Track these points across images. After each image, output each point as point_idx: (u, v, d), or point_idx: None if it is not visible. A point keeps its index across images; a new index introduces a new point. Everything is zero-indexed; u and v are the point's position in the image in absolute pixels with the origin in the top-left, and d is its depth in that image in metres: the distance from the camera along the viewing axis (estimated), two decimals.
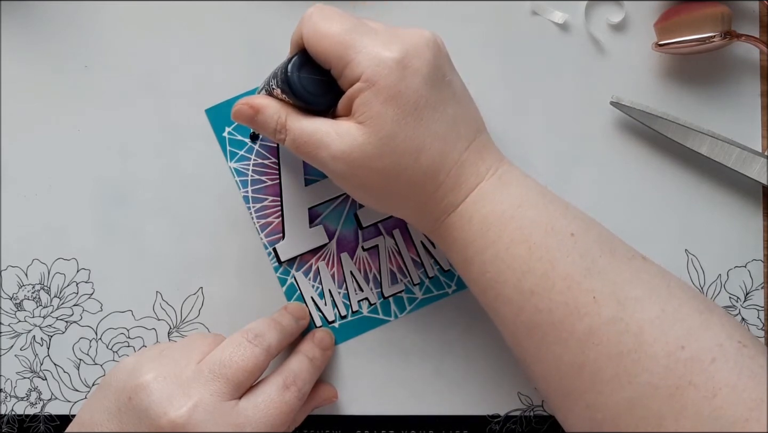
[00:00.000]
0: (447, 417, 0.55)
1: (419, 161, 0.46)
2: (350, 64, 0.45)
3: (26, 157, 0.56)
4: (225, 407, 0.46)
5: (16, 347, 0.56)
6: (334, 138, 0.46)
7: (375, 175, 0.46)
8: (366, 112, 0.45)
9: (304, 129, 0.47)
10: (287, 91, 0.47)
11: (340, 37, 0.45)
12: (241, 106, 0.49)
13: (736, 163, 0.53)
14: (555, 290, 0.44)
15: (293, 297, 0.56)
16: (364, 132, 0.45)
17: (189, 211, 0.56)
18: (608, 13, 0.55)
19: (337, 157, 0.46)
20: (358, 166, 0.46)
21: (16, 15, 0.56)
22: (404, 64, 0.45)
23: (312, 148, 0.47)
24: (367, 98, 0.45)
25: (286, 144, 0.48)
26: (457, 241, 0.47)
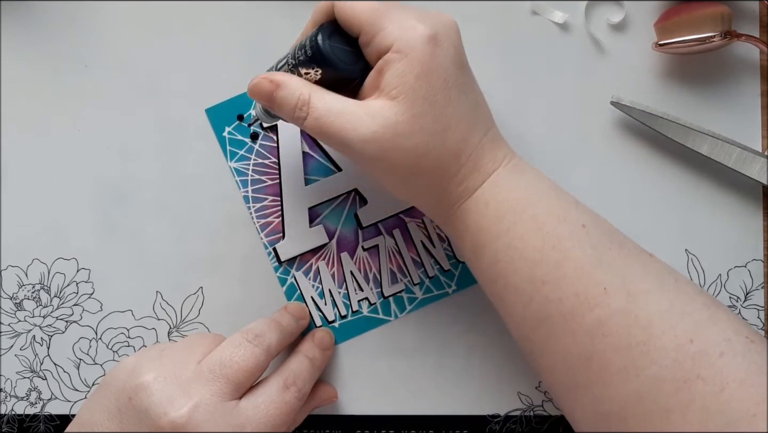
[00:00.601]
0: (447, 417, 0.55)
1: (445, 142, 0.45)
2: (382, 32, 0.44)
3: (26, 157, 0.56)
4: (225, 407, 0.46)
5: (16, 347, 0.56)
6: (365, 119, 0.44)
7: (404, 156, 0.45)
8: (399, 86, 0.44)
9: (330, 108, 0.45)
10: (318, 60, 0.45)
11: (373, 4, 0.45)
12: (261, 81, 0.47)
13: (737, 163, 0.53)
14: (566, 280, 0.44)
15: (293, 297, 0.56)
16: (397, 109, 0.44)
17: (189, 212, 0.56)
18: (608, 13, 0.55)
19: (368, 140, 0.44)
20: (389, 147, 0.44)
21: (16, 15, 0.56)
22: (436, 41, 0.44)
23: (338, 130, 0.44)
24: (401, 70, 0.44)
25: (305, 124, 0.45)
26: (471, 227, 0.47)
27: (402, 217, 0.56)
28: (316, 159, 0.56)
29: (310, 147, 0.56)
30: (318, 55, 0.45)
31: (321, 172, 0.56)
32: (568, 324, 0.44)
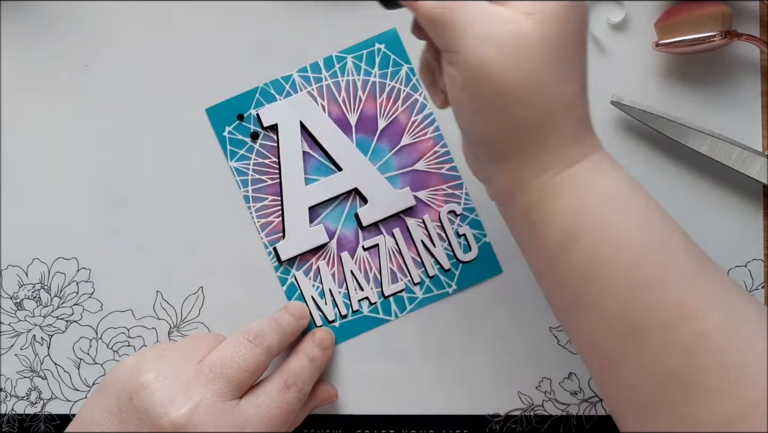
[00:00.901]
0: (447, 417, 0.55)
1: (562, 88, 0.40)
2: None
3: (26, 157, 0.56)
4: (226, 407, 0.46)
5: (16, 347, 0.56)
6: (492, 17, 0.39)
7: (517, 76, 0.39)
8: (538, 4, 0.39)
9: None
10: None
11: None
12: None
13: (737, 163, 0.53)
14: (669, 285, 0.39)
15: (293, 296, 0.56)
16: (530, 25, 0.39)
17: (189, 211, 0.56)
18: (608, 13, 0.55)
19: (487, 38, 0.39)
20: (507, 54, 0.39)
21: (16, 15, 0.56)
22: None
23: (458, 19, 0.39)
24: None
25: (424, 5, 0.40)
26: (563, 209, 0.41)
27: (402, 216, 0.56)
28: (316, 159, 0.56)
29: (310, 146, 0.56)
30: None
31: (321, 172, 0.56)
32: (664, 335, 0.39)
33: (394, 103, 0.56)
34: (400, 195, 0.55)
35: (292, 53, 0.56)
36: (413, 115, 0.56)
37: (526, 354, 0.55)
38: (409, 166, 0.56)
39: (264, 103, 0.56)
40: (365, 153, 0.56)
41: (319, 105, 0.56)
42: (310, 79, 0.56)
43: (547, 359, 0.55)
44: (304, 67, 0.56)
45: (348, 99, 0.56)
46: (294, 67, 0.56)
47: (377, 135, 0.56)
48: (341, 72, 0.56)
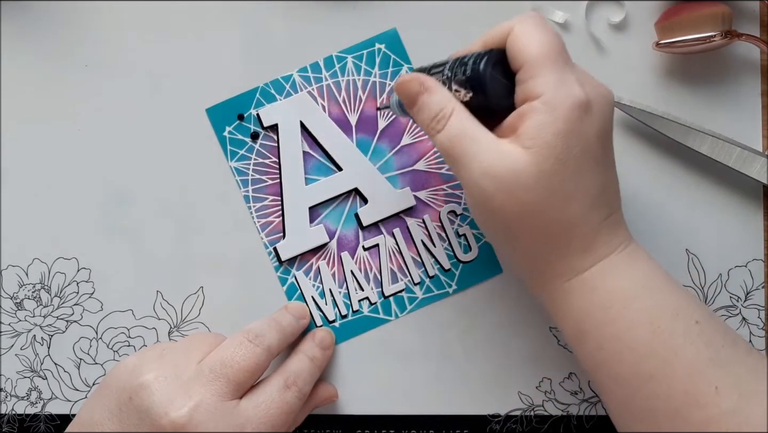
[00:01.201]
0: (447, 417, 0.55)
1: (562, 210, 0.43)
2: (538, 78, 0.43)
3: (26, 157, 0.56)
4: (226, 407, 0.46)
5: (16, 347, 0.56)
6: (494, 154, 0.43)
7: (516, 207, 0.43)
8: (536, 137, 0.42)
9: (466, 131, 0.44)
10: (474, 84, 0.44)
11: (547, 47, 0.43)
12: (412, 80, 0.46)
13: (737, 163, 0.53)
14: (676, 376, 0.42)
15: (294, 296, 0.56)
16: (527, 159, 0.42)
17: (189, 212, 0.56)
18: (609, 13, 0.55)
19: (489, 174, 0.43)
20: (505, 190, 0.43)
21: (16, 15, 0.56)
22: (587, 108, 0.43)
23: (466, 154, 0.43)
24: (541, 122, 0.42)
25: (438, 137, 0.45)
26: (574, 309, 0.45)
27: (402, 216, 0.56)
28: (317, 159, 0.56)
29: (310, 146, 0.56)
30: (476, 79, 0.44)
31: (321, 171, 0.56)
32: (674, 421, 0.42)
33: None
34: (401, 195, 0.55)
35: (292, 53, 0.56)
36: None
37: (526, 354, 0.55)
38: (409, 167, 0.56)
39: (264, 103, 0.56)
40: (365, 153, 0.56)
41: (320, 105, 0.56)
42: (311, 79, 0.56)
43: (547, 359, 0.55)
44: (304, 67, 0.56)
45: (348, 99, 0.56)
46: (294, 67, 0.56)
47: (377, 135, 0.56)
48: (341, 72, 0.56)
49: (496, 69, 0.44)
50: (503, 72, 0.45)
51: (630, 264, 0.45)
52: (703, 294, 0.55)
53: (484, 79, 0.44)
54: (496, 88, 0.44)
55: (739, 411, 0.41)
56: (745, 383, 0.42)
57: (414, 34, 0.56)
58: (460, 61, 0.45)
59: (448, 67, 0.46)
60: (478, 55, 0.45)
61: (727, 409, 0.41)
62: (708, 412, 0.42)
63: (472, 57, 0.45)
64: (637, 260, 0.45)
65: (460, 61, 0.45)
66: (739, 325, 0.55)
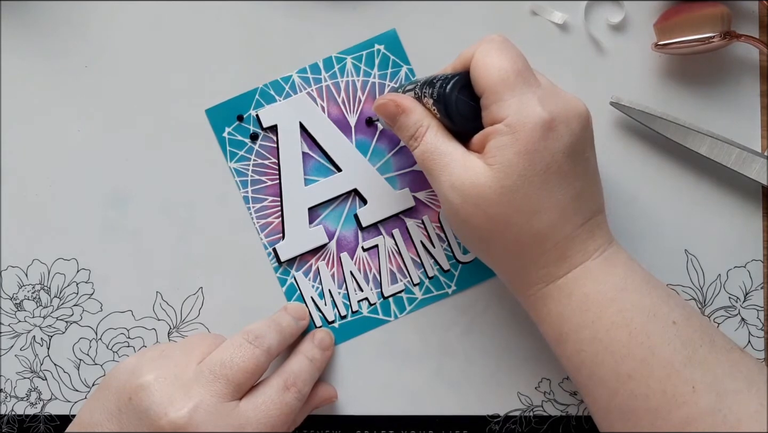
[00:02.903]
0: (447, 417, 0.55)
1: (530, 223, 0.45)
2: (500, 103, 0.45)
3: (26, 157, 0.56)
4: (226, 408, 0.46)
5: (16, 347, 0.56)
6: (460, 168, 0.46)
7: (483, 219, 0.45)
8: (497, 156, 0.44)
9: (438, 147, 0.47)
10: (440, 107, 0.47)
11: (504, 73, 0.45)
12: (388, 103, 0.49)
13: (736, 164, 0.53)
14: (653, 376, 0.43)
15: (293, 297, 0.56)
16: (489, 175, 0.45)
17: (189, 212, 0.56)
18: (608, 14, 0.55)
19: (455, 187, 0.46)
20: (471, 203, 0.45)
21: (16, 15, 0.56)
22: (550, 126, 0.44)
23: (436, 168, 0.47)
24: (503, 143, 0.44)
25: (415, 153, 0.48)
26: (552, 314, 0.47)
27: (402, 217, 0.56)
28: (316, 159, 0.56)
29: (309, 147, 0.56)
30: (442, 101, 0.47)
31: (321, 172, 0.56)
32: (653, 420, 0.43)
33: None
34: (400, 196, 0.55)
35: (291, 54, 0.56)
36: None
37: (526, 354, 0.55)
38: (408, 167, 0.56)
39: (263, 104, 0.56)
40: (365, 154, 0.56)
41: (319, 106, 0.56)
42: (310, 80, 0.56)
43: (547, 359, 0.55)
44: (303, 68, 0.56)
45: (347, 100, 0.56)
46: (293, 68, 0.56)
47: (377, 136, 0.56)
48: (341, 73, 0.56)
49: (464, 92, 0.47)
50: (470, 94, 0.47)
51: (606, 268, 0.46)
52: (702, 295, 0.55)
53: (449, 104, 0.46)
54: (461, 110, 0.47)
55: (717, 410, 0.42)
56: (723, 382, 0.43)
57: (413, 34, 0.56)
58: (430, 82, 0.48)
59: (420, 85, 0.49)
60: (445, 78, 0.47)
61: (705, 408, 0.42)
62: (686, 411, 0.42)
63: (440, 79, 0.47)
64: (615, 264, 0.46)
65: (430, 81, 0.48)
66: (738, 325, 0.55)
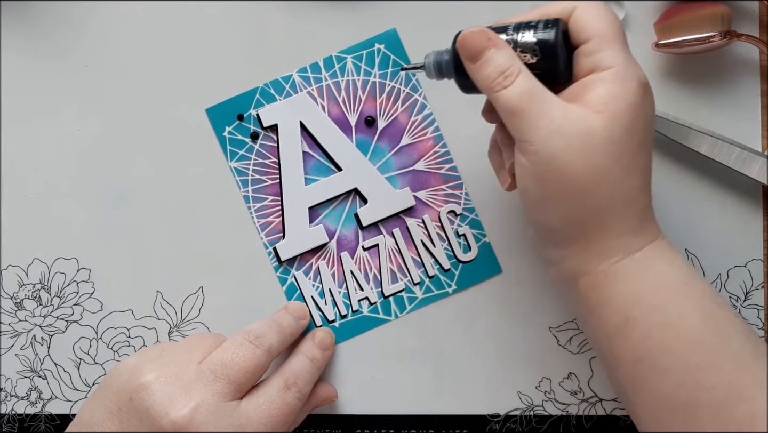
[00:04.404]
0: (447, 417, 0.55)
1: (626, 180, 0.43)
2: (610, 51, 0.43)
3: (26, 157, 0.56)
4: (226, 407, 0.46)
5: (16, 347, 0.56)
6: (561, 114, 0.42)
7: (584, 169, 0.42)
8: (609, 104, 0.42)
9: (535, 90, 0.43)
10: (543, 48, 0.43)
11: (617, 24, 0.44)
12: (479, 33, 0.44)
13: (736, 163, 0.53)
14: (723, 368, 0.42)
15: (293, 297, 0.56)
16: (598, 122, 0.42)
17: (189, 212, 0.56)
18: None
19: (560, 132, 0.42)
20: (574, 149, 0.42)
21: (16, 15, 0.56)
22: (647, 90, 0.44)
23: (533, 112, 0.42)
24: (616, 92, 0.42)
25: (504, 93, 0.43)
26: (621, 294, 0.44)
27: (402, 216, 0.56)
28: (316, 159, 0.56)
29: (310, 147, 0.56)
30: (546, 44, 0.44)
31: (321, 172, 0.56)
32: (717, 415, 0.41)
33: (394, 104, 0.56)
34: (400, 195, 0.55)
35: (292, 53, 0.56)
36: (413, 116, 0.56)
37: (526, 354, 0.55)
38: (408, 167, 0.56)
39: (264, 104, 0.56)
40: (365, 153, 0.56)
41: (319, 105, 0.56)
42: (310, 80, 0.56)
43: (547, 359, 0.55)
44: (303, 68, 0.56)
45: (348, 99, 0.56)
46: (294, 68, 0.56)
47: (377, 135, 0.56)
48: (341, 72, 0.56)
49: (562, 37, 0.44)
50: (566, 43, 0.44)
51: (673, 250, 0.45)
52: None
53: (555, 43, 0.43)
54: (563, 57, 0.44)
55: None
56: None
57: (414, 34, 0.56)
58: (527, 24, 0.44)
59: (513, 28, 0.45)
60: (546, 20, 0.44)
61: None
62: (752, 406, 0.41)
63: (541, 21, 0.44)
64: (675, 249, 0.45)
65: (527, 24, 0.44)
66: None
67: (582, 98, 0.43)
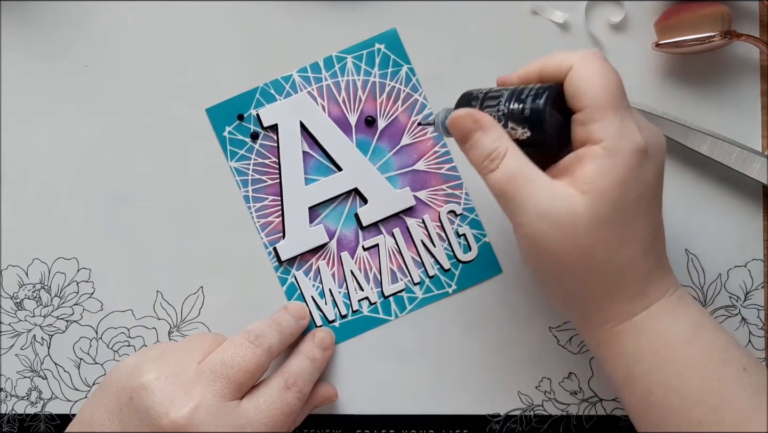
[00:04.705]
0: (447, 417, 0.55)
1: (616, 255, 0.43)
2: (603, 122, 0.42)
3: (26, 157, 0.56)
4: (226, 407, 0.46)
5: (16, 347, 0.56)
6: (548, 196, 0.42)
7: (571, 250, 0.43)
8: (595, 182, 0.42)
9: (522, 170, 0.43)
10: (533, 123, 0.43)
11: (612, 92, 0.42)
12: (466, 117, 0.45)
13: (736, 163, 0.53)
14: (725, 423, 0.42)
15: (293, 296, 0.56)
16: (583, 205, 0.42)
17: (189, 211, 0.56)
18: (608, 13, 0.55)
19: (544, 217, 0.42)
20: (561, 232, 0.42)
21: (16, 15, 0.56)
22: (647, 155, 0.43)
23: (520, 195, 0.43)
24: (603, 168, 0.42)
25: (491, 177, 0.44)
26: (624, 354, 0.45)
27: (402, 216, 0.56)
28: (316, 159, 0.56)
29: (310, 146, 0.56)
30: (536, 119, 0.43)
31: (321, 172, 0.56)
32: None
33: (394, 104, 0.56)
34: (400, 195, 0.55)
35: (292, 53, 0.56)
36: (413, 115, 0.56)
37: (526, 354, 0.55)
38: (409, 167, 0.56)
39: (264, 104, 0.56)
40: (365, 153, 0.56)
41: (319, 105, 0.56)
42: (310, 80, 0.56)
43: (547, 359, 0.55)
44: (304, 68, 0.56)
45: (348, 99, 0.56)
46: (294, 68, 0.56)
47: (377, 135, 0.56)
48: (341, 72, 0.56)
49: (554, 107, 0.43)
50: (560, 109, 0.44)
51: (680, 308, 0.45)
52: (703, 294, 0.55)
53: (544, 118, 0.43)
54: (554, 127, 0.43)
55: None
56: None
57: (414, 34, 0.56)
58: (517, 96, 0.44)
59: (505, 100, 0.44)
60: (537, 90, 0.44)
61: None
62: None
63: (531, 93, 0.44)
64: (687, 304, 0.45)
65: (517, 96, 0.44)
66: (739, 325, 0.55)
67: (573, 172, 0.43)
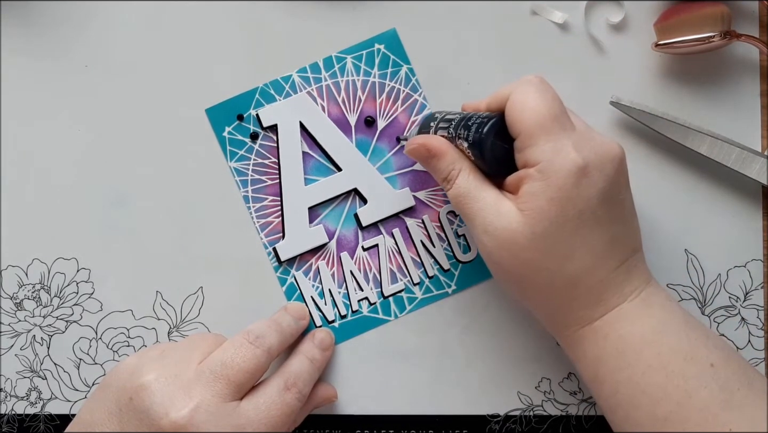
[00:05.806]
0: (447, 417, 0.55)
1: (563, 268, 0.45)
2: (534, 147, 0.45)
3: (26, 157, 0.56)
4: (226, 408, 0.46)
5: (16, 347, 0.56)
6: (492, 213, 0.46)
7: (515, 264, 0.46)
8: (529, 202, 0.45)
9: (470, 191, 0.47)
10: (475, 152, 0.47)
11: (541, 117, 0.45)
12: (419, 147, 0.49)
13: (736, 163, 0.53)
14: (690, 420, 0.43)
15: (293, 297, 0.56)
16: (522, 221, 0.45)
17: (189, 212, 0.56)
18: (608, 13, 0.55)
19: (488, 232, 0.46)
20: (503, 248, 0.46)
21: (16, 15, 0.56)
22: (584, 173, 0.44)
23: (469, 212, 0.47)
24: (535, 189, 0.44)
25: (448, 194, 0.48)
26: (588, 356, 0.47)
27: (402, 216, 0.56)
28: (316, 159, 0.56)
29: (310, 147, 0.56)
30: (478, 146, 0.47)
31: (321, 172, 0.56)
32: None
33: (394, 104, 0.56)
34: (400, 195, 0.55)
35: (291, 53, 0.56)
36: (413, 116, 0.56)
37: (526, 354, 0.55)
38: (408, 167, 0.56)
39: (263, 104, 0.56)
40: (365, 153, 0.56)
41: (319, 105, 0.56)
42: (310, 80, 0.56)
43: (547, 359, 0.55)
44: (303, 68, 0.56)
45: (347, 99, 0.56)
46: (293, 68, 0.56)
47: (377, 135, 0.56)
48: (341, 72, 0.56)
49: (498, 136, 0.46)
50: (504, 137, 0.47)
51: (643, 310, 0.46)
52: (702, 294, 0.55)
53: (486, 149, 0.46)
54: (497, 155, 0.47)
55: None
56: (759, 426, 0.43)
57: (413, 34, 0.56)
58: (465, 123, 0.48)
59: (454, 125, 0.48)
60: (481, 120, 0.47)
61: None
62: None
63: (476, 121, 0.47)
64: (651, 305, 0.46)
65: (466, 122, 0.48)
66: (738, 325, 0.55)
67: (517, 191, 0.46)
